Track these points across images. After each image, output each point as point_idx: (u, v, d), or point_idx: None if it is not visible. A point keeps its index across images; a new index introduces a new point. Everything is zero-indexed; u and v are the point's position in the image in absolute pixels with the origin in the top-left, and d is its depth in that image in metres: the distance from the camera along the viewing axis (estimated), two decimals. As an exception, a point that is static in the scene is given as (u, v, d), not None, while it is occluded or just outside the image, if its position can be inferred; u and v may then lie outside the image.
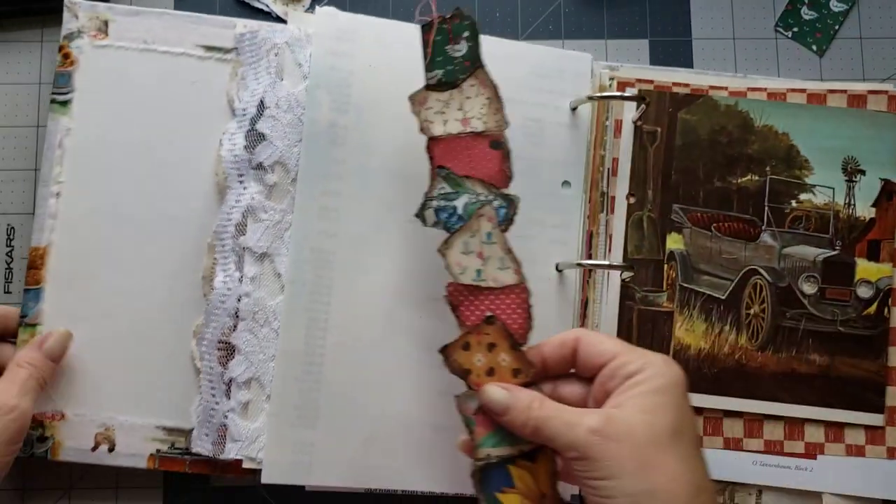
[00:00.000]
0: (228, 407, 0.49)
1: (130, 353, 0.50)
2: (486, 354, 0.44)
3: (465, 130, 0.46)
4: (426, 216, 0.46)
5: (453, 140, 0.46)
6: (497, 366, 0.44)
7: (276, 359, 0.49)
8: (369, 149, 0.51)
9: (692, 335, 0.52)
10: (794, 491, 0.51)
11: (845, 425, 0.51)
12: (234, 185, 0.50)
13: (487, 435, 0.43)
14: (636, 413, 0.39)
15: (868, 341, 0.52)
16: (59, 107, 0.51)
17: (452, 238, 0.46)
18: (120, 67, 0.52)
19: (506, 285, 0.45)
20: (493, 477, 0.43)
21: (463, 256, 0.45)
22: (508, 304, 0.45)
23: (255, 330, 0.50)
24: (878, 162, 0.53)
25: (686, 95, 0.53)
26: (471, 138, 0.46)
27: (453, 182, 0.46)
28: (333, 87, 0.51)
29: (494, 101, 0.47)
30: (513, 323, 0.45)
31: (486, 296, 0.45)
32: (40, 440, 0.50)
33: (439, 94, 0.47)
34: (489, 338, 0.44)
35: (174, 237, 0.51)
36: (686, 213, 0.53)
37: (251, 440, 0.49)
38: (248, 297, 0.50)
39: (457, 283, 0.45)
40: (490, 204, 0.46)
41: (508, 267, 0.45)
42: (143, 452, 0.50)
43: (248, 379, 0.49)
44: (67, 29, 0.52)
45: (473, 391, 0.44)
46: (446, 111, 0.47)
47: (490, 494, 0.43)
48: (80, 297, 0.50)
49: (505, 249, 0.46)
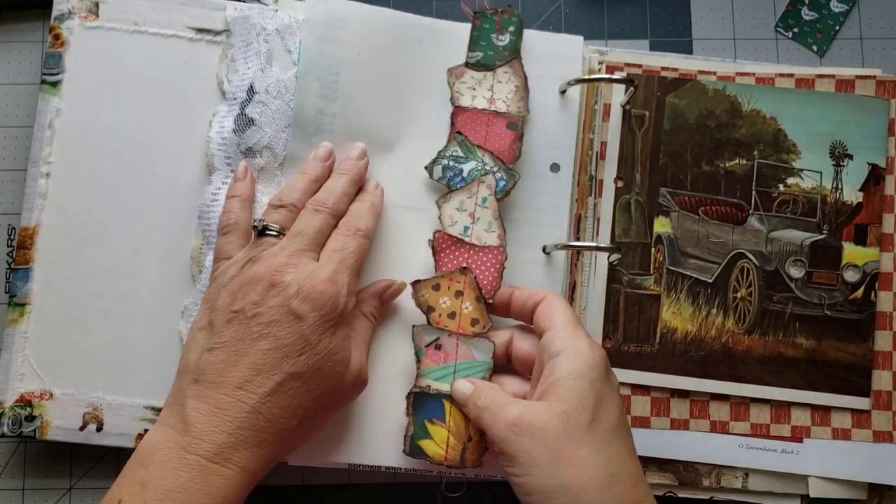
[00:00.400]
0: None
1: (119, 333, 0.51)
2: (452, 299, 0.49)
3: (489, 108, 0.51)
4: (434, 170, 0.51)
5: (476, 113, 0.51)
6: (459, 311, 0.48)
7: None
8: (356, 136, 0.51)
9: (679, 318, 0.52)
10: (781, 474, 0.51)
11: (831, 409, 0.51)
12: (221, 166, 0.51)
13: (433, 368, 0.48)
14: (553, 403, 0.40)
15: (855, 325, 0.52)
16: (49, 87, 0.51)
17: (452, 194, 0.50)
18: (110, 49, 0.52)
19: (487, 245, 0.49)
20: (427, 406, 0.47)
21: (456, 212, 0.50)
22: (485, 262, 0.49)
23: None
24: (866, 146, 0.53)
25: (674, 79, 0.53)
26: (492, 115, 0.51)
27: (466, 147, 0.51)
28: (322, 74, 0.51)
29: (522, 90, 0.52)
30: (483, 279, 0.49)
31: (466, 249, 0.49)
32: (28, 419, 0.50)
33: (475, 72, 0.52)
34: (459, 286, 0.49)
35: (163, 218, 0.51)
36: (674, 196, 0.53)
37: None
38: (236, 277, 0.50)
39: (444, 232, 0.50)
40: (493, 174, 0.50)
41: (494, 231, 0.50)
42: (131, 432, 0.50)
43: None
44: (58, 10, 0.52)
45: (432, 326, 0.48)
46: (477, 88, 0.52)
47: (420, 421, 0.47)
48: (69, 276, 0.51)
49: (495, 215, 0.50)
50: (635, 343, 0.51)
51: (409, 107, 0.52)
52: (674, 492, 0.51)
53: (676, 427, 0.51)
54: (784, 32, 0.58)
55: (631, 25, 0.58)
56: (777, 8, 0.59)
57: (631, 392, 0.51)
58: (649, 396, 0.51)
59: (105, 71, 0.52)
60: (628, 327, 0.52)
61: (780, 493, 0.51)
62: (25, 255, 0.51)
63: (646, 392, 0.51)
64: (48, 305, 0.51)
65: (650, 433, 0.51)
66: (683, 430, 0.51)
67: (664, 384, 0.51)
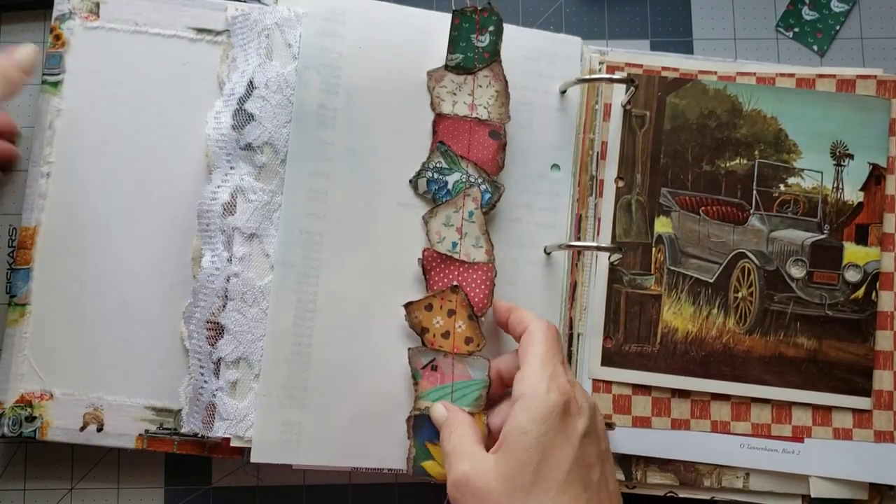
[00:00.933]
0: (217, 386, 0.49)
1: (119, 332, 0.51)
2: (445, 318, 0.49)
3: (471, 115, 0.51)
4: (418, 183, 0.51)
5: (458, 121, 0.51)
6: (453, 331, 0.49)
7: (266, 339, 0.49)
8: (358, 130, 0.51)
9: (680, 318, 0.52)
10: (782, 474, 0.51)
11: (832, 409, 0.51)
12: (220, 164, 0.51)
13: (430, 390, 0.48)
14: (499, 461, 0.40)
15: (856, 325, 0.52)
16: (50, 87, 0.51)
17: (438, 209, 0.50)
18: (111, 49, 0.52)
19: (476, 261, 0.50)
20: (427, 428, 0.48)
21: (444, 227, 0.50)
22: (475, 278, 0.49)
23: (244, 310, 0.50)
24: (867, 146, 0.53)
25: (675, 79, 0.53)
26: (474, 123, 0.51)
27: (450, 158, 0.50)
28: (323, 68, 0.51)
29: (503, 95, 0.51)
30: (475, 296, 0.49)
31: (456, 267, 0.50)
32: (29, 420, 0.50)
33: (455, 76, 0.51)
34: (451, 304, 0.49)
35: (164, 218, 0.51)
36: (674, 196, 0.53)
37: (239, 419, 0.49)
38: (237, 277, 0.50)
39: (433, 250, 0.50)
40: (478, 186, 0.50)
41: (482, 246, 0.50)
42: (132, 432, 0.50)
43: (236, 358, 0.49)
44: (59, 10, 0.52)
45: (427, 348, 0.48)
46: (457, 93, 0.51)
47: (420, 443, 0.48)
48: (69, 276, 0.51)
49: (482, 230, 0.50)
50: (636, 343, 0.51)
51: (412, 101, 0.52)
52: (675, 492, 0.51)
53: (677, 427, 0.51)
54: (785, 32, 0.58)
55: (631, 25, 0.58)
56: (778, 8, 0.59)
57: (632, 392, 0.51)
58: (650, 396, 0.51)
59: (106, 71, 0.52)
60: (629, 327, 0.52)
61: (781, 494, 0.51)
62: (25, 255, 0.50)
63: (647, 392, 0.51)
64: (48, 306, 0.50)
65: (651, 433, 0.51)
66: (684, 430, 0.51)
67: (665, 384, 0.51)
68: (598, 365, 0.51)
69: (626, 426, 0.50)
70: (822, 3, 0.58)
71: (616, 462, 0.50)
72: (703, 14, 0.58)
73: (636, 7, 0.58)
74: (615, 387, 0.51)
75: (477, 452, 0.42)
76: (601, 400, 0.51)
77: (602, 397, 0.51)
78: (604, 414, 0.50)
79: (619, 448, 0.50)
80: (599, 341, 0.51)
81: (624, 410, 0.51)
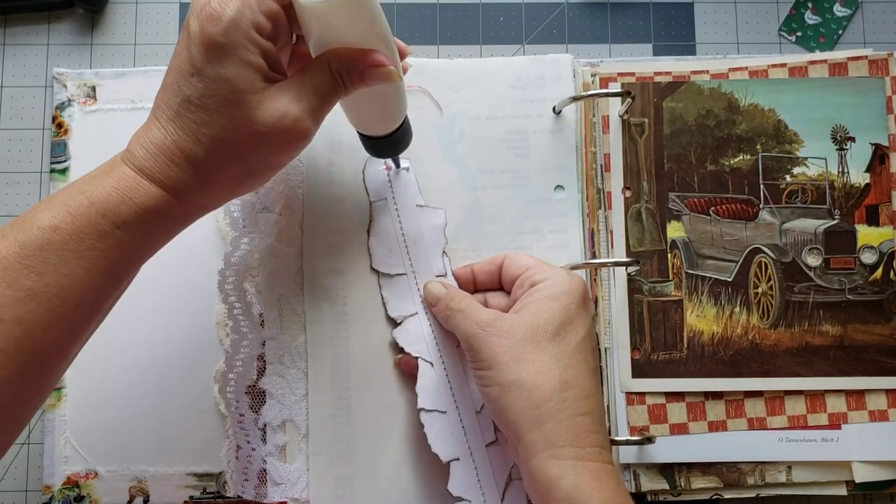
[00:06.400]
0: (266, 452, 0.50)
1: (154, 404, 0.51)
2: None
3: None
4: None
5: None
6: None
7: (309, 398, 0.50)
8: (360, 186, 0.52)
9: (704, 320, 0.52)
10: (823, 463, 0.51)
11: (865, 392, 0.52)
12: (237, 229, 0.51)
13: None
14: (524, 315, 0.45)
15: (878, 306, 0.52)
16: (58, 175, 0.53)
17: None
18: (110, 128, 0.53)
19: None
20: None
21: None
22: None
23: (284, 372, 0.50)
24: (867, 127, 0.53)
25: (669, 83, 0.54)
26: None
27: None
28: (325, 127, 0.51)
29: None
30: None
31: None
32: (77, 500, 0.51)
33: None
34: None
35: (184, 286, 0.52)
36: (683, 200, 0.53)
37: (293, 481, 0.49)
38: (273, 340, 0.50)
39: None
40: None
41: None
42: (177, 500, 0.51)
43: (282, 422, 0.50)
44: (58, 99, 0.53)
45: None
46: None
47: None
48: (99, 356, 0.51)
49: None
50: (664, 351, 0.52)
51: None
52: (720, 494, 0.51)
53: (714, 429, 0.51)
54: (787, 36, 0.58)
55: (634, 30, 0.58)
56: (780, 12, 0.59)
57: (666, 400, 0.51)
58: (684, 402, 0.51)
59: (107, 150, 0.52)
60: (655, 336, 0.52)
61: (825, 482, 0.51)
62: (55, 341, 0.51)
63: (680, 398, 0.51)
64: (83, 387, 0.51)
65: (689, 439, 0.51)
66: (722, 432, 0.51)
67: (697, 388, 0.51)
68: (629, 377, 0.51)
69: (665, 435, 0.51)
70: (825, 7, 0.58)
71: (659, 471, 0.51)
72: (705, 18, 0.59)
73: (639, 12, 0.59)
74: (649, 397, 0.51)
75: (495, 310, 0.46)
76: (636, 412, 0.51)
77: (637, 409, 0.51)
78: (641, 425, 0.51)
79: (660, 458, 0.51)
80: (627, 353, 0.52)
81: (660, 420, 0.51)
